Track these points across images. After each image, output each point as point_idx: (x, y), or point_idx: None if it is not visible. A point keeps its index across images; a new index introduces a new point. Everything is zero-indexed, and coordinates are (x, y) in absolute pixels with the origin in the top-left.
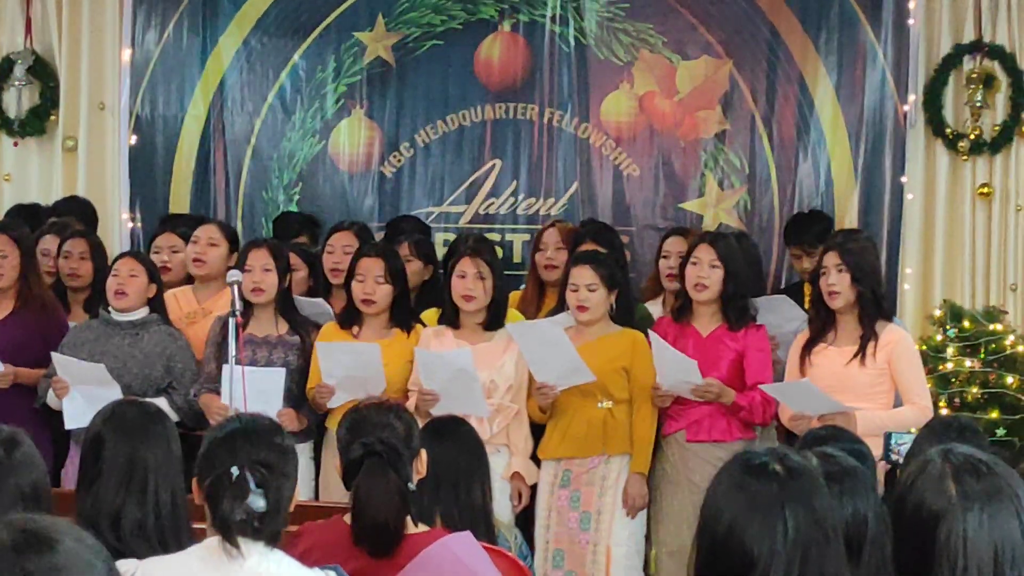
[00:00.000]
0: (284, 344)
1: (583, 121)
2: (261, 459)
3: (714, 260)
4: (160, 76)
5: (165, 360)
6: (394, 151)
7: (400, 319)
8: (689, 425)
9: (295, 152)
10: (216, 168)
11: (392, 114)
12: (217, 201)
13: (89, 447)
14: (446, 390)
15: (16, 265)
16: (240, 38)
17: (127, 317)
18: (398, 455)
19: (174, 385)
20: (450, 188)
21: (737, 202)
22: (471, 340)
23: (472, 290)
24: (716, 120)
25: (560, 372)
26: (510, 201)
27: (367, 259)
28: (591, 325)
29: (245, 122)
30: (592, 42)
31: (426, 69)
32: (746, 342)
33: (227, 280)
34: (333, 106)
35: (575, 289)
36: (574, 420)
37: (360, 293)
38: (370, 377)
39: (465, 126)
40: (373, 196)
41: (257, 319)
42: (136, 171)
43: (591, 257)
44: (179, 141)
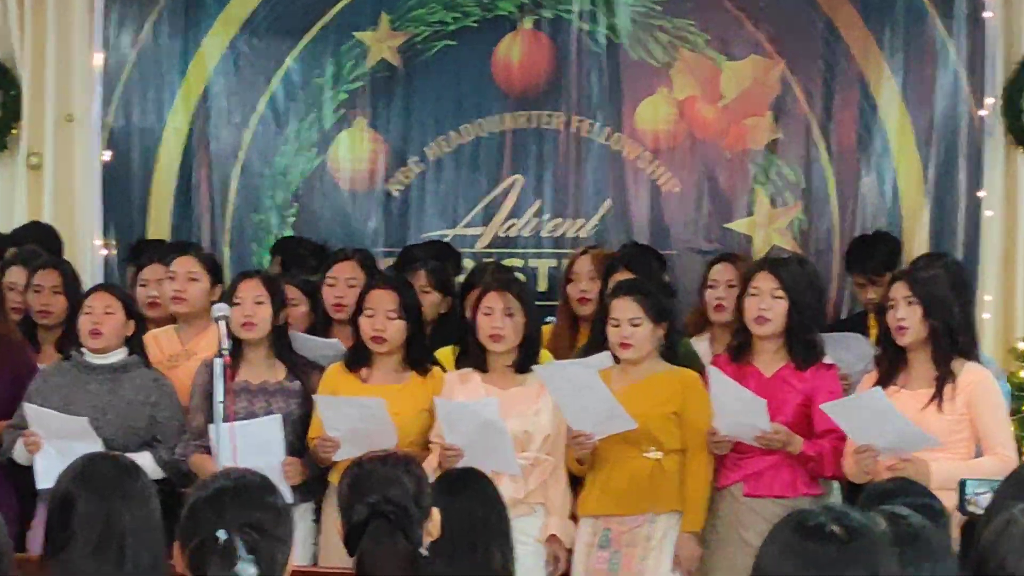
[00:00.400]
0: (284, 392)
1: (615, 131)
2: (252, 521)
3: (776, 289)
4: (136, 83)
5: (149, 409)
6: (401, 166)
7: (415, 360)
8: (747, 477)
9: (290, 168)
10: (200, 187)
11: (399, 125)
12: (201, 225)
13: (57, 508)
14: (471, 444)
15: None
16: (226, 40)
17: (104, 360)
18: (407, 516)
19: (159, 438)
20: (465, 208)
21: (791, 221)
22: (501, 384)
23: (500, 329)
24: (767, 128)
25: (597, 419)
26: (533, 222)
27: (378, 291)
28: (637, 364)
29: (233, 135)
30: (625, 41)
31: (437, 73)
32: (815, 383)
33: (213, 316)
34: (332, 116)
35: (616, 324)
36: (615, 472)
37: (370, 330)
38: (379, 431)
39: (482, 137)
40: (378, 218)
41: (249, 363)
42: (110, 191)
43: (634, 287)
44: (158, 157)
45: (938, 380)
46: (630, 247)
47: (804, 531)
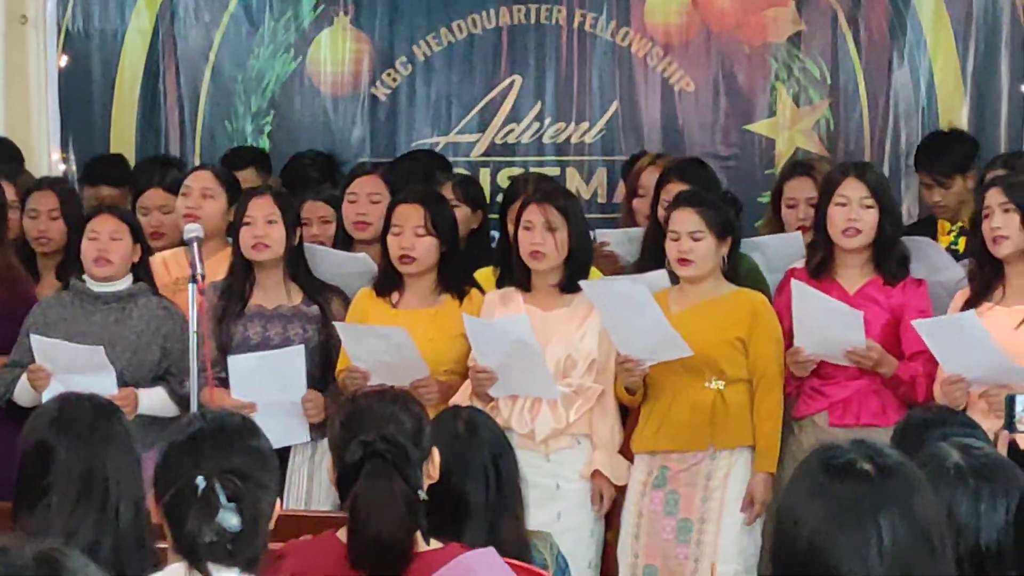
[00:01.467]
0: (301, 316)
1: (622, 25)
2: (233, 467)
3: (866, 197)
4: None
5: (161, 340)
6: (388, 68)
7: (451, 281)
8: (833, 405)
9: (265, 72)
10: (167, 94)
11: (385, 22)
12: (170, 135)
13: (32, 457)
14: (504, 367)
15: None
16: None
17: (109, 288)
18: (406, 457)
19: (172, 371)
20: (459, 113)
21: (817, 121)
22: (545, 305)
23: (541, 245)
24: (789, 19)
25: (648, 344)
26: (534, 127)
27: (404, 206)
28: (697, 283)
29: (202, 36)
30: None
31: None
32: (904, 300)
33: (185, 236)
34: (311, 13)
35: (676, 238)
36: (675, 404)
37: (397, 248)
38: (406, 363)
39: (476, 35)
40: (363, 125)
41: (263, 287)
42: (68, 99)
43: (695, 197)
44: (120, 61)
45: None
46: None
47: (832, 470)
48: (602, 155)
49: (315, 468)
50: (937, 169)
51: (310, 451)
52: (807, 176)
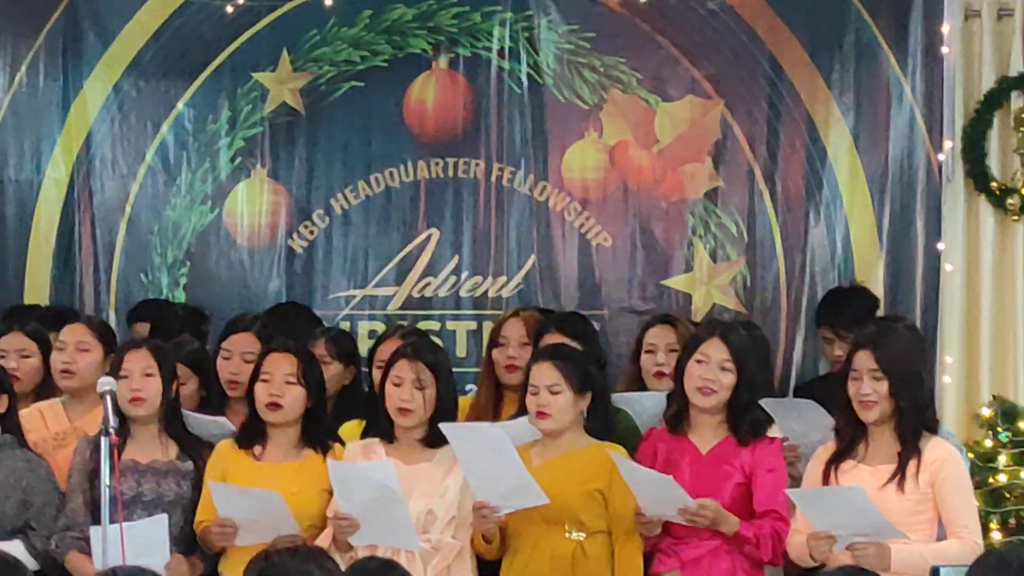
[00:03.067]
0: (175, 472)
1: (540, 179)
2: None
3: (726, 360)
4: (11, 130)
5: (20, 493)
6: (305, 220)
7: (314, 435)
8: (685, 564)
9: (181, 223)
10: (82, 245)
11: (302, 174)
12: (84, 287)
13: None
14: (366, 513)
15: None
16: (110, 82)
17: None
18: None
19: (32, 525)
20: (376, 266)
21: (734, 277)
22: (408, 459)
23: (409, 402)
24: (706, 175)
25: (504, 489)
26: (451, 281)
27: (276, 355)
28: (557, 437)
29: (118, 187)
30: (550, 81)
31: (344, 117)
32: (755, 460)
33: (99, 389)
34: (228, 165)
35: (535, 392)
36: (535, 554)
37: (265, 395)
38: (277, 522)
39: (393, 188)
40: (279, 277)
41: (137, 440)
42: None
43: (554, 352)
44: (35, 211)
45: (901, 457)
46: (564, 312)
47: None
48: None
49: None
50: (839, 323)
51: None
52: (669, 325)
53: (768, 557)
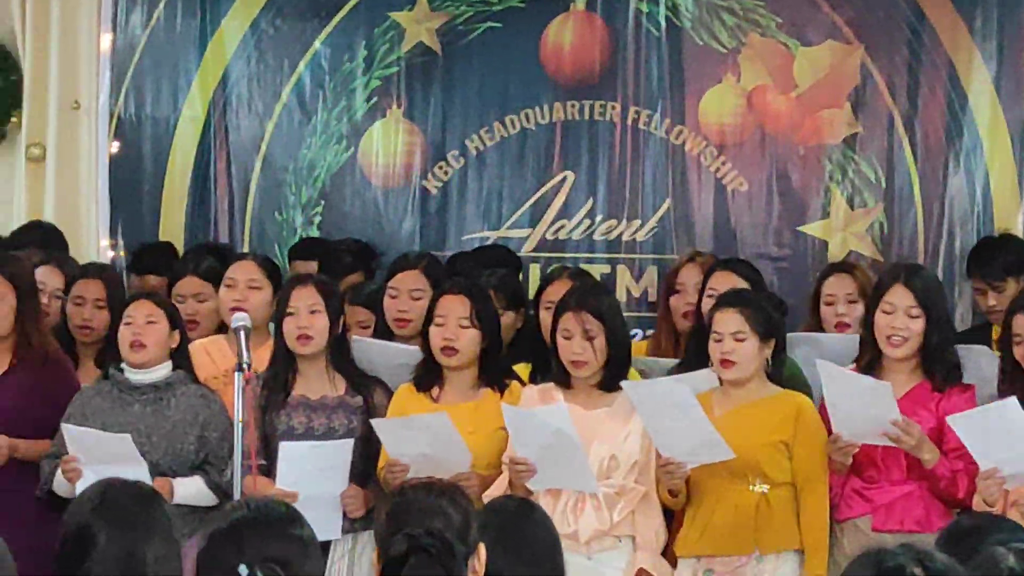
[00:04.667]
0: (345, 407)
1: (677, 123)
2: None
3: (912, 307)
4: (148, 68)
5: (198, 429)
6: (440, 161)
7: (491, 374)
8: (876, 509)
9: (316, 162)
10: (217, 183)
11: (437, 115)
12: (219, 224)
13: (73, 542)
14: (542, 458)
15: (11, 311)
16: (247, 20)
17: (147, 377)
18: (451, 552)
19: (210, 460)
20: (510, 208)
21: (871, 224)
22: (586, 404)
23: (581, 354)
24: (844, 121)
25: (689, 446)
26: (585, 224)
27: (448, 298)
28: (740, 385)
29: (254, 125)
30: (688, 24)
31: (480, 58)
32: (949, 406)
33: (233, 325)
34: (364, 105)
35: (719, 339)
36: (718, 507)
37: (439, 340)
38: (448, 452)
39: (528, 129)
40: (413, 217)
41: (305, 376)
42: (118, 187)
43: (738, 298)
44: (171, 149)
45: None
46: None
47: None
48: (653, 253)
49: (354, 561)
50: (989, 274)
51: (350, 544)
52: (846, 274)
53: (962, 495)
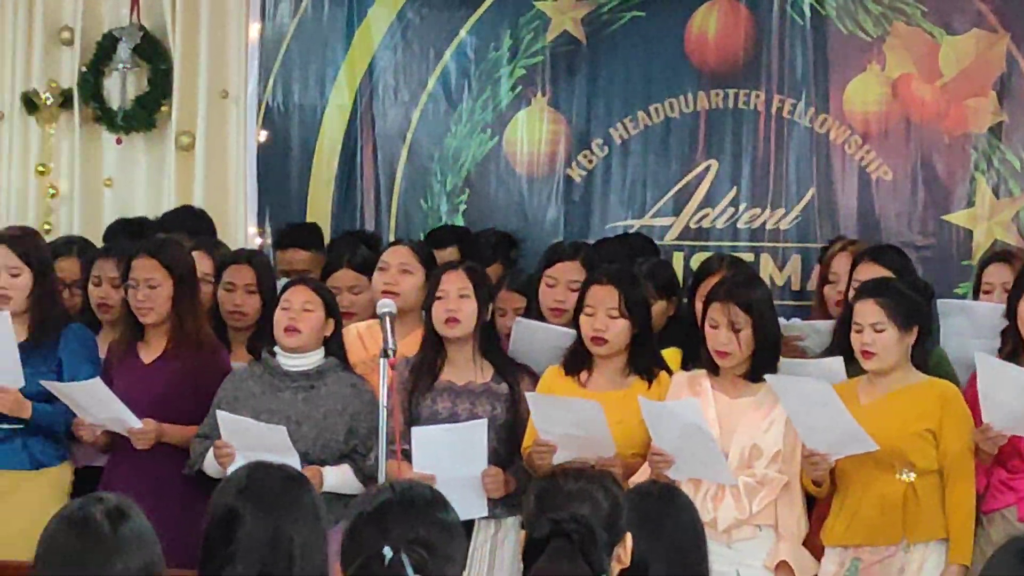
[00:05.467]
0: (490, 394)
1: (821, 112)
2: (419, 538)
3: None
4: (296, 57)
5: (347, 419)
6: (584, 149)
7: (641, 364)
8: (1022, 500)
9: (461, 151)
10: (364, 171)
11: (582, 104)
12: (365, 212)
13: (219, 523)
14: (679, 449)
15: (168, 297)
16: (394, 10)
17: (299, 365)
18: (593, 539)
19: (358, 449)
20: (654, 196)
21: (1017, 213)
22: (731, 393)
23: (727, 344)
24: (990, 110)
25: (833, 438)
26: (729, 212)
27: (598, 287)
28: (884, 375)
29: (400, 114)
30: (833, 13)
31: (624, 47)
32: None
33: (378, 311)
34: (509, 93)
35: (859, 330)
36: (865, 497)
37: (590, 329)
38: (594, 438)
39: (673, 118)
40: (557, 206)
41: (453, 362)
42: (266, 174)
43: (877, 288)
44: (319, 137)
45: None
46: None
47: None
48: (797, 242)
49: (497, 546)
50: None
51: (493, 529)
52: (1005, 263)
53: None
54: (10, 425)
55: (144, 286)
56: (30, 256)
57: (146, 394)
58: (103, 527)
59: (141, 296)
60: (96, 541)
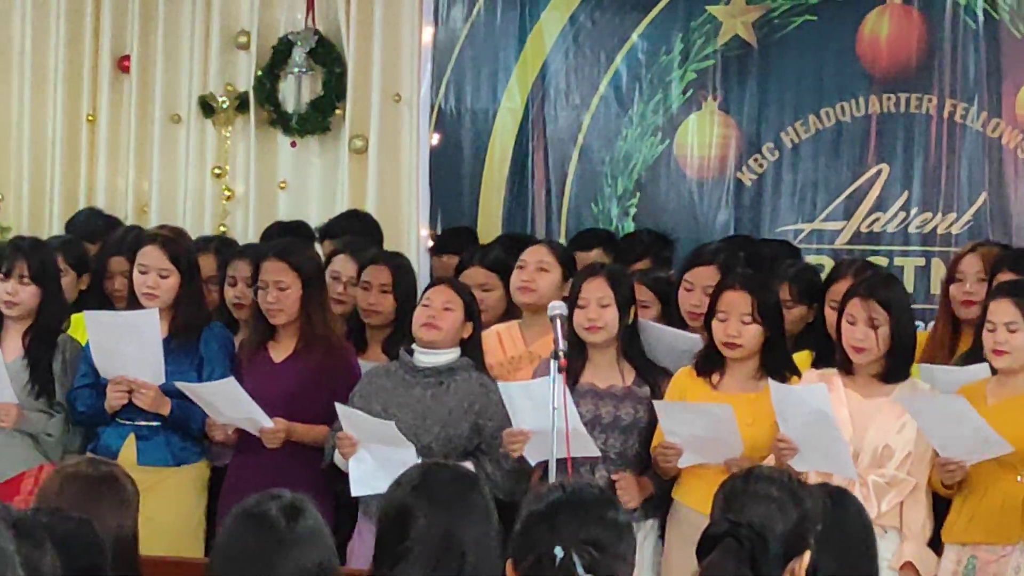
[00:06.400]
0: (632, 397)
1: (993, 116)
2: (590, 537)
3: None
4: (468, 61)
5: (473, 417)
6: (755, 153)
7: (773, 367)
8: None
9: (632, 154)
10: (535, 174)
11: (753, 108)
12: (536, 214)
13: (392, 520)
14: (804, 438)
15: (297, 298)
16: (567, 13)
17: (432, 361)
18: (764, 549)
19: (483, 448)
20: (824, 200)
21: None
22: (865, 392)
23: (863, 341)
24: None
25: (968, 445)
26: (900, 216)
27: (731, 293)
28: (1014, 375)
29: (571, 117)
30: (1006, 16)
31: (796, 51)
32: None
33: (549, 313)
34: (680, 97)
35: (992, 329)
36: (986, 496)
37: (722, 335)
38: (722, 440)
39: (844, 122)
40: (727, 209)
41: (595, 365)
42: (438, 177)
43: (1013, 288)
44: (490, 140)
45: None
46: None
47: None
48: None
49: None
50: None
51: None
52: None
53: None
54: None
55: (274, 288)
56: (179, 258)
57: (276, 393)
58: (279, 523)
59: (271, 298)
60: (272, 537)
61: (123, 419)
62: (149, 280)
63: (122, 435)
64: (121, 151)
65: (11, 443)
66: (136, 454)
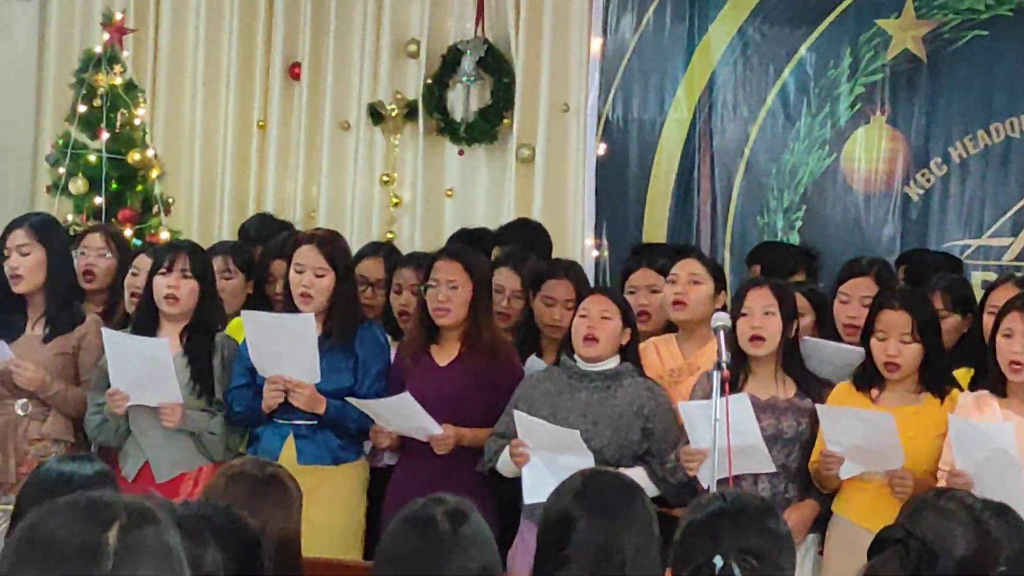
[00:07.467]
0: (794, 409)
1: None
2: (750, 547)
3: None
4: (636, 72)
5: (643, 420)
6: (922, 168)
7: (932, 380)
8: None
9: (799, 167)
10: (701, 185)
11: (921, 122)
12: (701, 226)
13: (554, 527)
14: (981, 474)
15: (467, 300)
16: (735, 26)
17: (597, 366)
18: (931, 565)
19: (652, 451)
20: (992, 216)
21: None
22: (1022, 412)
23: (1020, 354)
24: None
25: None
26: None
27: (890, 312)
28: None
29: (738, 129)
30: None
31: (966, 66)
32: None
33: (712, 325)
34: (847, 111)
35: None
36: None
37: (882, 355)
38: (884, 450)
39: (1014, 138)
40: (894, 223)
41: (756, 377)
42: (604, 187)
43: None
44: (657, 151)
45: None
46: None
47: None
48: None
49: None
50: None
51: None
52: None
53: None
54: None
55: (445, 287)
56: (335, 259)
57: (440, 396)
58: (444, 527)
59: (442, 296)
60: (437, 541)
61: (280, 419)
62: (305, 279)
63: (282, 435)
64: (291, 157)
65: (170, 445)
66: (296, 454)
